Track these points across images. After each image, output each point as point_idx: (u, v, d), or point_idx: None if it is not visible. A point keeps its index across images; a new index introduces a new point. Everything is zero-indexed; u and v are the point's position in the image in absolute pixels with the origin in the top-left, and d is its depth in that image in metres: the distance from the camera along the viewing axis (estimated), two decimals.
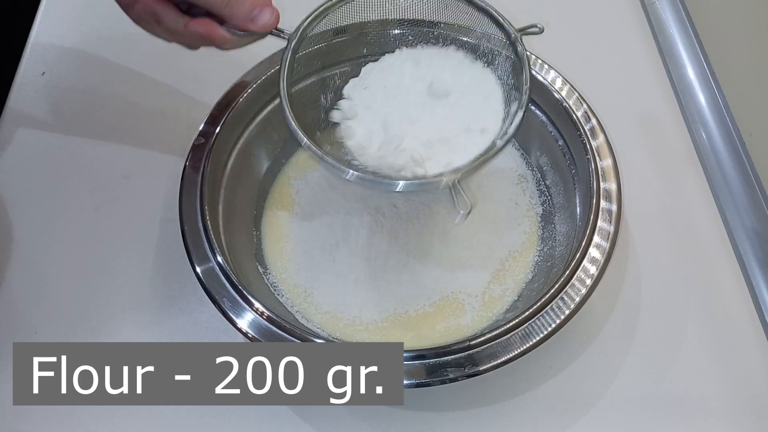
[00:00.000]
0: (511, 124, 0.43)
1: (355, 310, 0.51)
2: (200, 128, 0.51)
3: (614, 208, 0.47)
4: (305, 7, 0.46)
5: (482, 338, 0.42)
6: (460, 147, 0.44)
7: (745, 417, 0.48)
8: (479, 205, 0.55)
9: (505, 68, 0.46)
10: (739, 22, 0.60)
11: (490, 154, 0.42)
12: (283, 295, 0.52)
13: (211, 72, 0.56)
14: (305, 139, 0.43)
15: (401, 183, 0.42)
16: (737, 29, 0.61)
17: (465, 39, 0.49)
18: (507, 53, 0.46)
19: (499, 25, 0.45)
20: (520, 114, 0.43)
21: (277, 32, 0.44)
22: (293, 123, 0.43)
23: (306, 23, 0.44)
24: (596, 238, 0.46)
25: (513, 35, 0.45)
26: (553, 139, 0.53)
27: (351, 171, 0.42)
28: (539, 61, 0.53)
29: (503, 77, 0.47)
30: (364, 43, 0.51)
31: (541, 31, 0.44)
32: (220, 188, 0.50)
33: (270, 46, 0.47)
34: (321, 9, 0.45)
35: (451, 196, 0.41)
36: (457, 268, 0.52)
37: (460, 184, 0.41)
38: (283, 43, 0.45)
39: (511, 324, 0.42)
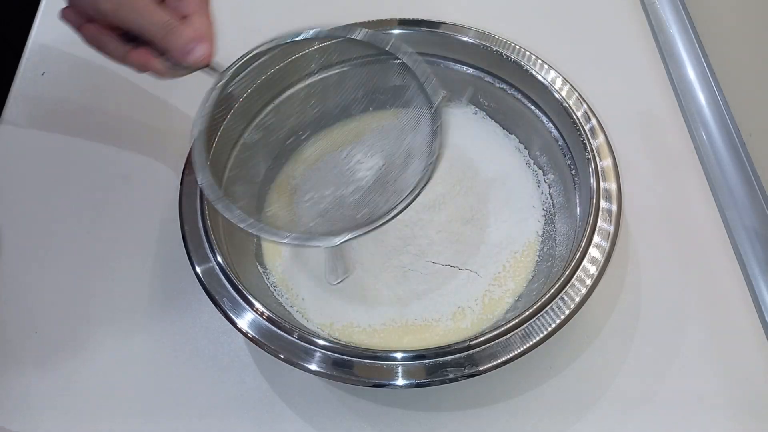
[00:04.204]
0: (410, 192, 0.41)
1: (354, 312, 0.51)
2: (200, 129, 0.51)
3: (614, 208, 0.47)
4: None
5: (482, 338, 0.42)
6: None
7: (745, 417, 0.48)
8: (480, 205, 0.55)
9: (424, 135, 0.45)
10: (739, 22, 0.60)
11: (370, 227, 0.41)
12: (283, 295, 0.52)
13: (211, 72, 0.55)
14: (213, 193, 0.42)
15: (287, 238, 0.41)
16: (737, 29, 0.61)
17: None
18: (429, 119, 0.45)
19: (424, 93, 0.44)
20: (424, 180, 0.41)
21: (211, 69, 0.45)
22: (203, 172, 0.42)
23: (237, 66, 0.45)
24: (596, 238, 0.46)
25: (435, 106, 0.44)
26: (553, 139, 0.53)
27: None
28: (539, 61, 0.53)
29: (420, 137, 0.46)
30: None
31: (467, 103, 0.46)
32: (220, 188, 0.50)
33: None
34: (254, 53, 0.46)
35: (330, 259, 0.42)
36: (457, 271, 0.52)
37: (340, 252, 0.42)
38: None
39: (511, 324, 0.42)
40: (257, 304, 0.44)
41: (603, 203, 0.47)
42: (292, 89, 0.53)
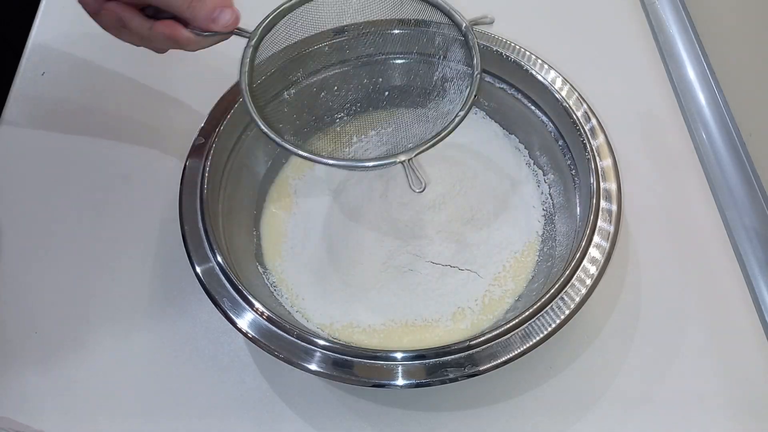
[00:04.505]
0: (463, 107, 0.44)
1: (354, 312, 0.51)
2: (200, 128, 0.51)
3: (614, 208, 0.47)
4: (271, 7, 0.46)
5: (482, 338, 0.42)
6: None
7: (745, 417, 0.48)
8: (480, 206, 0.55)
9: (459, 58, 0.48)
10: (739, 22, 0.60)
11: (442, 135, 0.43)
12: (283, 295, 0.52)
13: (212, 72, 0.55)
14: (267, 130, 0.44)
15: (362, 164, 0.44)
16: (737, 29, 0.61)
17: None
18: (460, 45, 0.47)
19: (450, 17, 0.46)
20: (471, 96, 0.44)
21: (239, 32, 0.45)
22: (256, 116, 0.44)
23: (265, 23, 0.45)
24: (596, 238, 0.46)
25: (464, 26, 0.46)
26: (553, 139, 0.53)
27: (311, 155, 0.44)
28: (539, 61, 0.53)
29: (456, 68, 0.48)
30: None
31: (492, 21, 0.46)
32: (220, 188, 0.50)
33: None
34: (280, 9, 0.46)
35: (406, 175, 0.43)
36: (457, 271, 0.52)
37: (413, 163, 0.43)
38: None
39: (511, 324, 0.42)
40: (257, 304, 0.44)
41: (603, 203, 0.47)
42: (324, 66, 0.55)
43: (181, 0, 0.43)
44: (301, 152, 0.43)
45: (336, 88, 0.56)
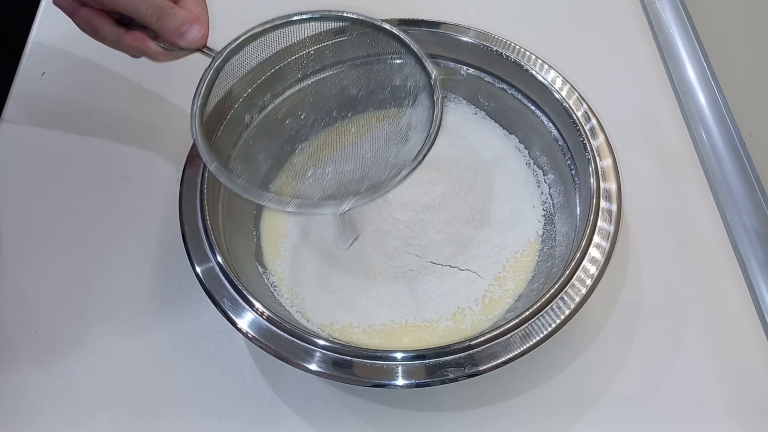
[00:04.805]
0: (408, 167, 0.41)
1: (354, 312, 0.51)
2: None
3: (614, 208, 0.47)
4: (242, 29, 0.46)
5: (482, 338, 0.42)
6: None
7: (745, 417, 0.48)
8: (480, 206, 0.55)
9: (424, 106, 0.45)
10: (739, 23, 0.60)
11: (378, 192, 0.41)
12: (282, 295, 0.52)
13: None
14: (212, 163, 0.41)
15: (292, 204, 0.41)
16: (737, 29, 0.61)
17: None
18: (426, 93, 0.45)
19: (422, 66, 0.45)
20: (423, 153, 0.42)
21: (206, 51, 0.45)
22: (201, 144, 0.42)
23: (233, 46, 0.44)
24: (596, 238, 0.46)
25: (433, 77, 0.44)
26: (553, 139, 0.53)
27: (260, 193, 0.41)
28: (539, 61, 0.53)
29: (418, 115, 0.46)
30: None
31: (463, 77, 0.46)
32: (220, 188, 0.50)
33: (271, 46, 0.48)
34: (250, 34, 0.45)
35: (339, 224, 0.42)
36: (457, 271, 0.52)
37: (346, 216, 0.43)
38: None
39: (511, 324, 0.42)
40: (257, 304, 0.44)
41: (603, 203, 0.47)
42: (289, 90, 0.54)
43: (149, 12, 0.43)
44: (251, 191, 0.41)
45: (300, 114, 0.55)
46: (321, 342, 0.42)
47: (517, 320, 0.43)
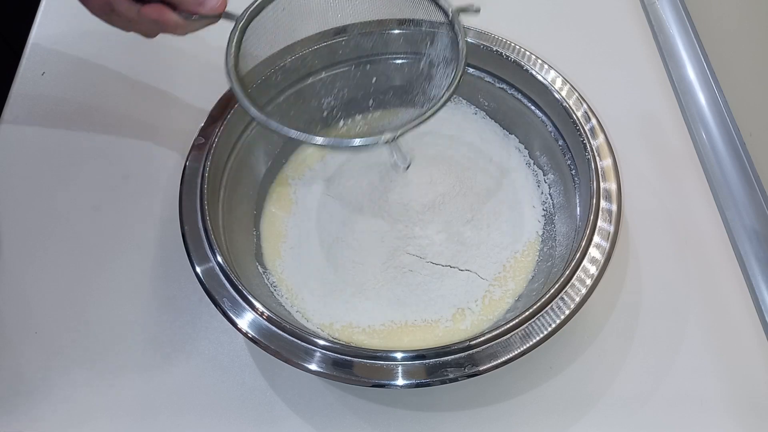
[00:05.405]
0: (447, 88, 0.44)
1: (354, 312, 0.51)
2: (200, 128, 0.51)
3: (614, 208, 0.47)
4: None
5: (482, 338, 0.42)
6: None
7: (745, 417, 0.48)
8: (480, 206, 0.55)
9: (445, 44, 0.48)
10: (739, 22, 0.60)
11: (427, 114, 0.43)
12: (282, 295, 0.52)
13: (211, 72, 0.55)
14: (254, 110, 0.44)
15: (347, 142, 0.44)
16: (737, 29, 0.61)
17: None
18: (446, 31, 0.47)
19: (438, 5, 0.47)
20: (458, 77, 0.44)
21: (227, 15, 0.45)
22: (244, 99, 0.44)
23: (254, 6, 0.45)
24: (596, 238, 0.46)
25: (450, 12, 0.46)
26: (553, 139, 0.53)
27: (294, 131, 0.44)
28: (539, 61, 0.53)
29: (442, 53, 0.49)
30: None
31: (478, 10, 0.46)
32: (220, 188, 0.50)
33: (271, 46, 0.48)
34: None
35: (392, 152, 0.44)
36: (457, 272, 0.52)
37: (398, 142, 0.43)
38: None
39: (511, 324, 0.42)
40: (257, 304, 0.44)
41: (603, 203, 0.47)
42: (312, 78, 0.55)
43: None
44: (288, 130, 0.43)
45: (327, 89, 0.56)
46: (321, 342, 0.42)
47: (517, 320, 0.42)
